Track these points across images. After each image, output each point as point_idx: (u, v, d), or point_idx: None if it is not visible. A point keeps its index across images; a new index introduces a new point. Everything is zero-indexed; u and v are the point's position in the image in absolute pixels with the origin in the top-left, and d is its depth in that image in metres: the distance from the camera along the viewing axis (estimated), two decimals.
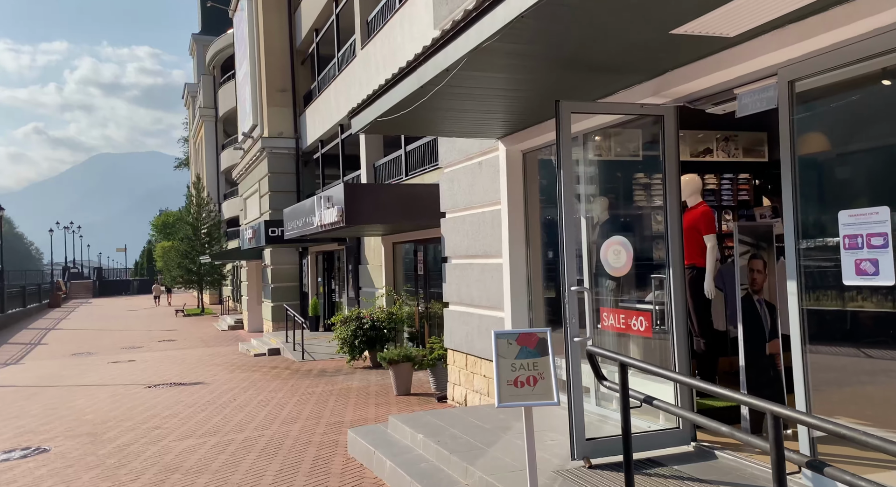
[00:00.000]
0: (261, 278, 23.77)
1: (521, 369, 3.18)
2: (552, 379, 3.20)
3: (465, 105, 4.77)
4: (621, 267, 4.06)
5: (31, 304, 36.06)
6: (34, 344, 22.71)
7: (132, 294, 60.73)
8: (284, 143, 19.53)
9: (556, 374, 3.28)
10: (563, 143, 3.87)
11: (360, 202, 8.38)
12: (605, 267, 4.13)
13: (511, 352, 3.23)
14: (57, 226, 60.79)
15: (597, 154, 4.91)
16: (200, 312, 33.67)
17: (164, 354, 17.91)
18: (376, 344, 11.74)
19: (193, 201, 34.11)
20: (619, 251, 4.00)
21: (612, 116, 4.39)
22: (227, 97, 35.74)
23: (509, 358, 3.23)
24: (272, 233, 14.93)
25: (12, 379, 13.88)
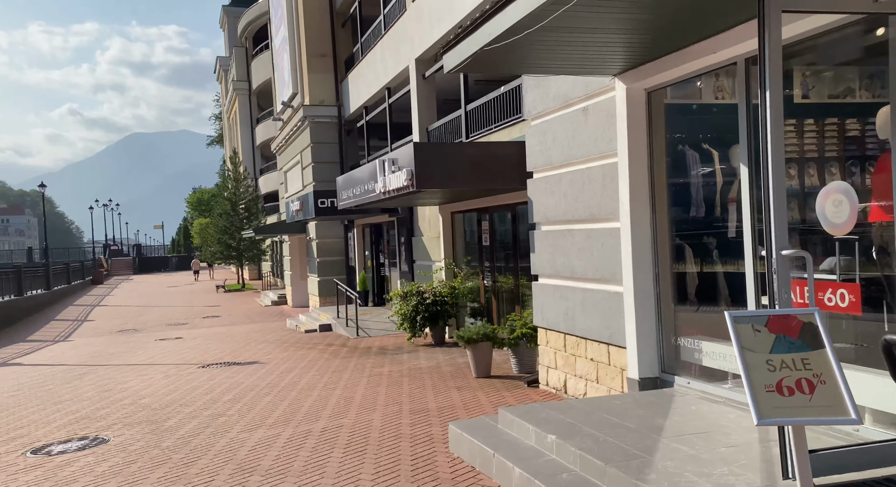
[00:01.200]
0: (304, 253, 23.23)
1: (785, 368, 2.28)
2: (840, 385, 2.27)
3: (591, 23, 3.78)
4: (843, 224, 3.09)
5: (76, 281, 36.44)
6: (80, 320, 22.69)
7: (171, 270, 61.49)
8: (326, 112, 18.67)
9: (844, 376, 2.33)
10: (772, 52, 2.88)
11: (433, 163, 7.47)
12: (822, 223, 3.16)
13: (763, 344, 2.33)
14: (96, 204, 61.59)
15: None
16: (241, 288, 33.54)
17: (211, 331, 17.52)
18: (438, 320, 10.96)
19: (231, 176, 33.68)
20: (840, 201, 3.02)
21: (818, 23, 3.36)
22: (261, 69, 34.96)
23: (761, 351, 2.32)
24: (321, 203, 14.18)
25: (62, 356, 13.58)
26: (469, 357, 7.88)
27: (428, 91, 12.90)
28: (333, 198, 14.34)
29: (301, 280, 23.81)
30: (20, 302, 23.42)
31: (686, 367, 4.92)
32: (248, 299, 28.16)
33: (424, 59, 12.70)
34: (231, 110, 44.25)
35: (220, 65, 47.12)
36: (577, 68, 4.97)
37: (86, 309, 26.60)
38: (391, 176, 8.29)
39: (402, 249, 14.37)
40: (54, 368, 11.70)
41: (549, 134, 6.34)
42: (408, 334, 11.18)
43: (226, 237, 33.39)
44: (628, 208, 5.13)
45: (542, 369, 6.82)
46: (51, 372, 11.17)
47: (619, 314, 5.38)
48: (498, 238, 10.24)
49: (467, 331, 7.73)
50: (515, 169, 7.72)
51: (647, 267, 5.12)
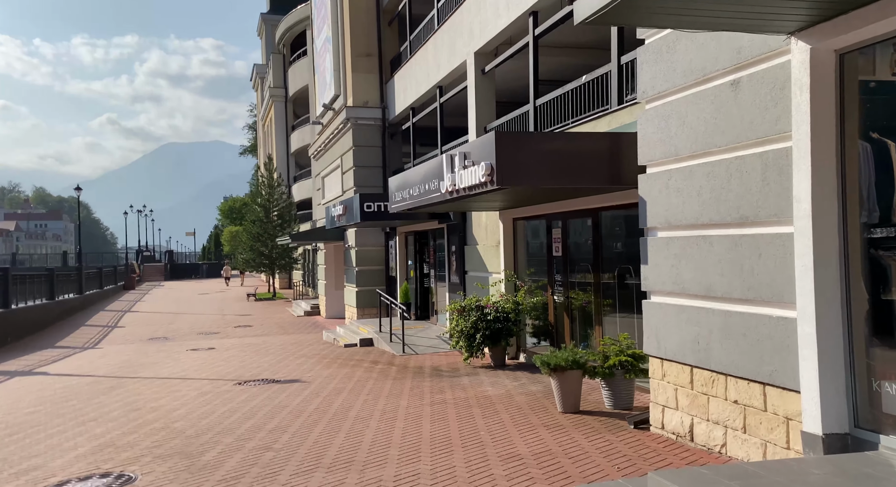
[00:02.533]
0: (339, 261, 22.30)
1: None
2: None
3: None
4: None
5: (108, 286, 36.19)
6: (111, 326, 22.07)
7: (201, 277, 61.44)
8: (370, 114, 17.76)
9: None
10: None
11: (518, 155, 6.34)
12: None
13: None
14: (130, 210, 62.06)
15: None
16: (272, 297, 32.80)
17: (244, 341, 16.61)
18: (500, 340, 9.78)
19: (265, 182, 33.11)
20: None
21: None
22: (298, 76, 34.56)
23: None
24: (367, 208, 13.16)
25: (90, 366, 12.75)
26: (554, 387, 6.68)
27: (487, 87, 11.84)
28: (381, 202, 13.33)
29: (336, 290, 22.86)
30: (51, 307, 22.93)
31: (892, 423, 3.67)
32: (279, 308, 27.34)
33: (484, 53, 11.66)
34: (267, 117, 44.00)
35: (257, 72, 47.03)
36: (746, 21, 3.81)
37: (117, 314, 26.07)
38: (463, 172, 7.19)
39: (451, 259, 13.26)
40: (81, 380, 10.82)
41: (675, 118, 5.17)
42: (463, 354, 10.02)
43: (258, 244, 32.75)
44: (809, 208, 3.92)
45: (655, 408, 5.59)
46: (76, 385, 10.29)
47: (785, 346, 4.15)
48: (573, 247, 9.04)
49: (553, 357, 6.53)
50: (606, 165, 6.57)
51: (834, 287, 3.89)
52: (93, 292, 30.99)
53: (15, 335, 18.49)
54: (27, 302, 20.22)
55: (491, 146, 6.45)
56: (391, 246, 18.04)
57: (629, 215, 7.94)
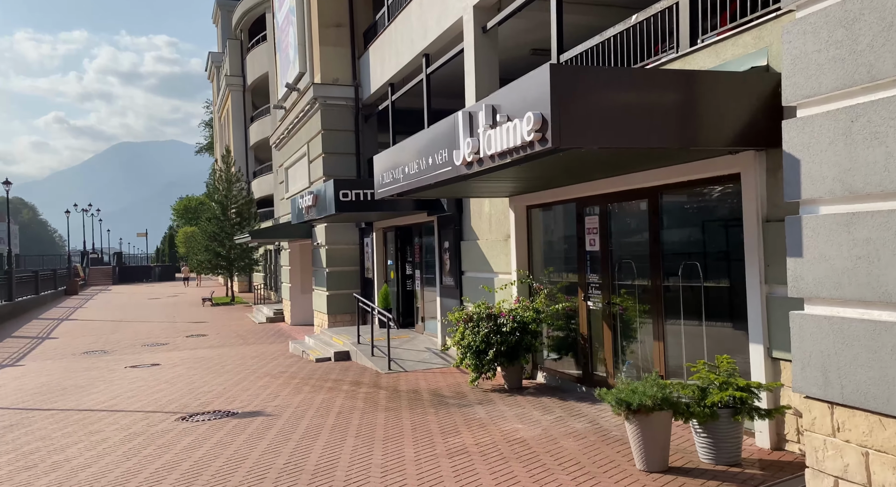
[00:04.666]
0: (306, 261, 20.00)
1: None
2: None
3: None
4: None
5: (46, 291, 32.79)
6: (41, 337, 19.22)
7: (153, 280, 57.69)
8: (341, 92, 15.57)
9: None
10: None
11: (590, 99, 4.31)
12: None
13: None
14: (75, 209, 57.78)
15: None
16: (230, 301, 30.12)
17: (195, 354, 14.21)
18: (519, 356, 7.80)
19: (222, 177, 30.39)
20: None
21: None
22: (257, 63, 32.03)
23: None
24: (344, 196, 11.00)
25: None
26: (631, 435, 4.71)
27: (488, 49, 9.85)
28: (360, 190, 11.20)
29: (302, 294, 20.54)
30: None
31: None
32: (238, 314, 24.79)
33: (485, 7, 9.68)
34: (223, 109, 41.08)
35: (213, 61, 44.03)
36: None
37: (51, 323, 23.08)
38: (492, 133, 5.16)
39: (444, 257, 11.22)
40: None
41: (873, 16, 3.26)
42: (470, 373, 8.00)
43: (214, 244, 30.01)
44: None
45: (817, 477, 3.67)
46: None
47: None
48: (616, 239, 7.12)
49: (634, 394, 4.56)
50: (723, 117, 4.61)
51: None
52: (26, 298, 27.75)
53: None
54: None
55: (542, 88, 4.43)
56: (367, 243, 15.88)
57: (696, 197, 6.05)
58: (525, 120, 4.60)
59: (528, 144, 4.65)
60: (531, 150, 4.66)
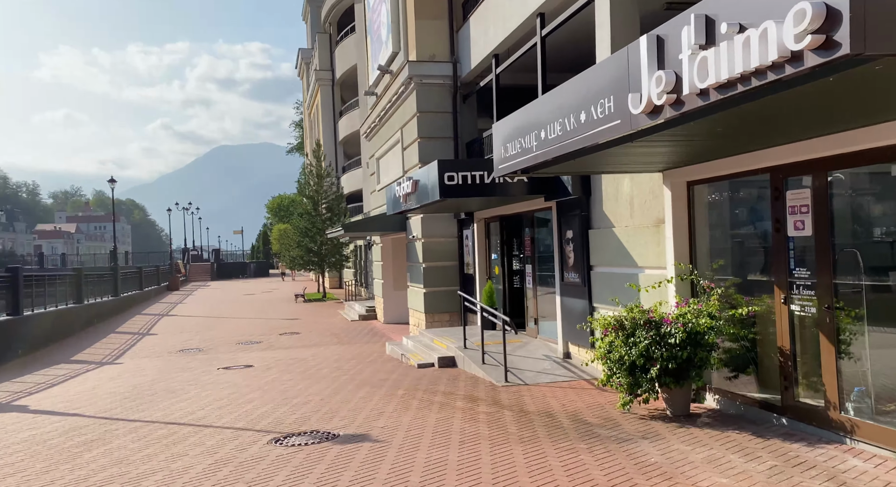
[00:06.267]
0: (399, 256, 18.90)
1: None
2: None
3: None
4: None
5: (150, 287, 33.97)
6: (142, 333, 19.31)
7: (249, 277, 59.54)
8: (438, 70, 14.21)
9: None
10: None
11: None
12: None
13: None
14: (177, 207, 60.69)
15: None
16: (322, 297, 29.80)
17: (289, 355, 13.37)
18: (690, 374, 6.03)
19: (313, 171, 30.09)
20: None
21: None
22: (346, 55, 31.54)
23: None
24: (449, 180, 9.59)
25: (88, 396, 9.62)
26: None
27: None
28: (468, 172, 9.75)
29: (395, 290, 19.49)
30: (79, 311, 20.36)
31: None
32: (330, 311, 24.22)
33: None
34: (313, 104, 41.23)
35: (302, 58, 44.37)
36: None
37: (152, 319, 23.44)
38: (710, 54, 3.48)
39: (566, 249, 9.55)
40: (58, 424, 7.64)
41: None
42: (622, 395, 6.32)
43: (306, 240, 29.77)
44: None
45: None
46: (47, 436, 7.10)
47: None
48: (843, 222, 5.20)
49: None
50: None
51: None
52: (131, 294, 28.62)
53: (29, 345, 15.79)
54: (47, 308, 17.57)
55: None
56: (466, 236, 14.46)
57: None
58: (792, 18, 2.89)
59: (791, 58, 2.93)
60: (797, 67, 2.94)
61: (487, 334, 10.18)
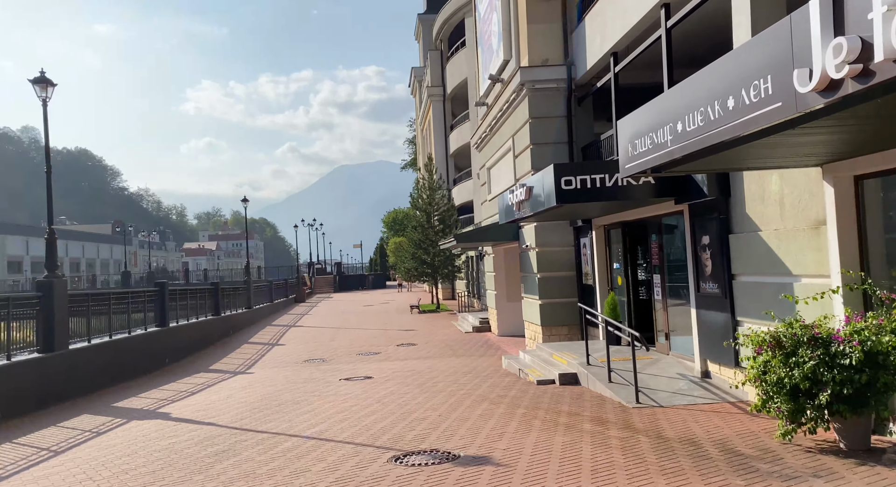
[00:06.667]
0: (512, 267, 18.49)
1: None
2: None
3: None
4: None
5: (279, 299, 36.09)
6: (272, 344, 20.37)
7: (368, 288, 61.79)
8: (550, 74, 13.72)
9: None
10: None
11: None
12: None
13: None
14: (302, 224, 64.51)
15: None
16: (436, 308, 30.02)
17: (406, 366, 13.37)
18: (869, 402, 5.07)
19: (425, 184, 30.57)
20: None
21: None
22: (456, 70, 31.90)
23: None
24: (567, 185, 9.07)
25: (221, 406, 10.12)
26: None
27: None
28: (586, 176, 9.17)
29: (509, 302, 19.08)
30: (217, 323, 21.94)
31: None
32: (444, 322, 24.24)
33: None
34: (425, 120, 42.13)
35: (415, 76, 45.58)
36: None
37: (281, 330, 24.75)
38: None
39: (701, 257, 8.65)
40: (195, 433, 8.02)
41: None
42: (781, 424, 5.45)
43: (420, 252, 30.23)
44: None
45: None
46: (182, 445, 7.44)
47: None
48: None
49: None
50: None
51: None
52: (262, 306, 30.51)
53: (174, 355, 17.17)
54: (189, 320, 19.05)
55: None
56: (584, 244, 13.76)
57: None
58: None
59: None
60: None
61: (612, 349, 9.47)
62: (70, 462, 6.87)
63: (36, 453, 7.32)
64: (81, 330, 12.66)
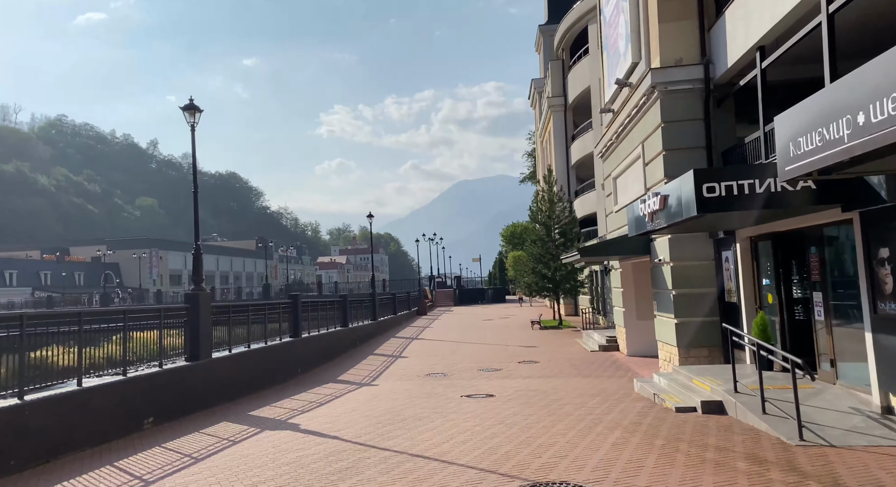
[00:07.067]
0: (641, 282, 17.34)
1: None
2: None
3: None
4: None
5: (402, 311, 36.95)
6: (395, 356, 20.72)
7: (487, 302, 61.70)
8: (685, 74, 12.72)
9: None
10: None
11: None
12: None
13: None
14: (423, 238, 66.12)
15: None
16: (558, 325, 29.09)
17: (529, 385, 12.87)
18: None
19: (545, 197, 29.90)
20: None
21: None
22: (578, 79, 31.12)
23: None
24: (709, 192, 8.20)
25: (346, 419, 10.25)
26: None
27: None
28: (732, 182, 8.24)
29: (639, 320, 17.91)
30: (344, 334, 22.76)
31: None
32: (567, 340, 23.34)
33: None
34: (545, 132, 41.50)
35: (535, 87, 45.17)
36: None
37: (404, 342, 25.19)
38: None
39: (879, 272, 7.40)
40: (321, 447, 8.13)
41: None
42: None
43: (540, 266, 29.52)
44: None
45: None
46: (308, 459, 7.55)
47: None
48: None
49: None
50: None
51: None
52: (386, 318, 31.34)
53: (306, 365, 17.95)
54: (319, 330, 19.90)
55: None
56: (726, 258, 12.51)
57: None
58: None
59: None
60: None
61: (764, 375, 8.36)
62: (207, 470, 7.18)
63: (179, 459, 7.75)
64: (223, 339, 13.54)
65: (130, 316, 10.34)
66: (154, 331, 10.71)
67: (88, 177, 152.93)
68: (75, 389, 8.43)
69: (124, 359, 9.72)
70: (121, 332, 9.80)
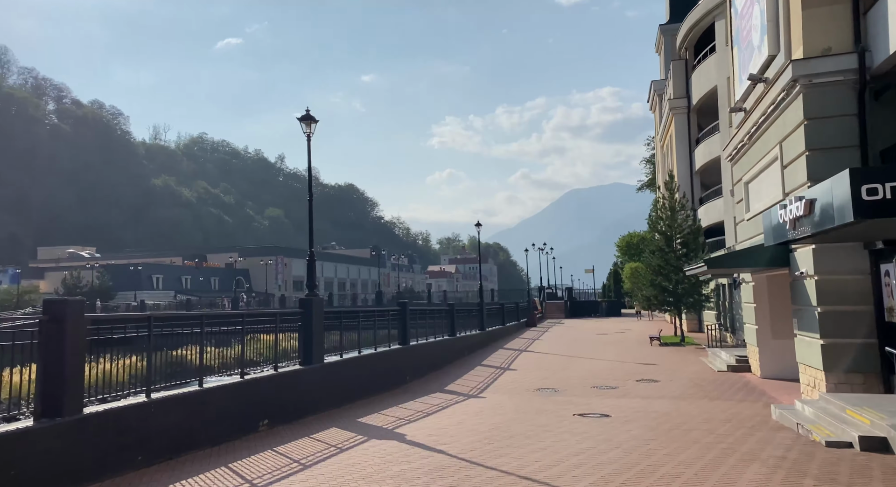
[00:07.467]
0: (778, 297, 15.66)
1: None
2: None
3: None
4: None
5: (510, 322, 36.42)
6: (503, 368, 20.30)
7: (600, 315, 59.35)
8: (834, 65, 11.29)
9: None
10: None
11: None
12: None
13: None
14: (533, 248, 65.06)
15: None
16: (680, 341, 27.17)
17: (648, 406, 11.94)
18: None
19: (665, 205, 28.14)
20: None
21: None
22: (703, 78, 29.13)
23: None
24: (871, 194, 7.08)
25: (454, 432, 9.99)
26: None
27: None
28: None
29: (774, 339, 16.21)
30: (452, 343, 22.69)
31: None
32: (690, 358, 21.66)
33: None
34: (665, 136, 39.31)
35: (655, 90, 43.02)
36: None
37: (512, 354, 24.68)
38: None
39: None
40: (426, 460, 7.93)
41: None
42: None
43: (660, 278, 27.74)
44: None
45: None
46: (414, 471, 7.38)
47: None
48: None
49: None
50: None
51: None
52: (494, 328, 30.99)
53: (414, 373, 18.02)
54: (427, 339, 19.95)
55: None
56: (887, 272, 10.88)
57: None
58: None
59: None
60: None
61: None
62: (313, 478, 7.21)
63: (288, 465, 7.87)
64: (335, 344, 13.87)
65: (248, 320, 10.80)
66: (271, 335, 11.13)
67: (224, 189, 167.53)
68: (197, 389, 8.88)
69: (242, 361, 10.15)
70: (240, 335, 10.25)
